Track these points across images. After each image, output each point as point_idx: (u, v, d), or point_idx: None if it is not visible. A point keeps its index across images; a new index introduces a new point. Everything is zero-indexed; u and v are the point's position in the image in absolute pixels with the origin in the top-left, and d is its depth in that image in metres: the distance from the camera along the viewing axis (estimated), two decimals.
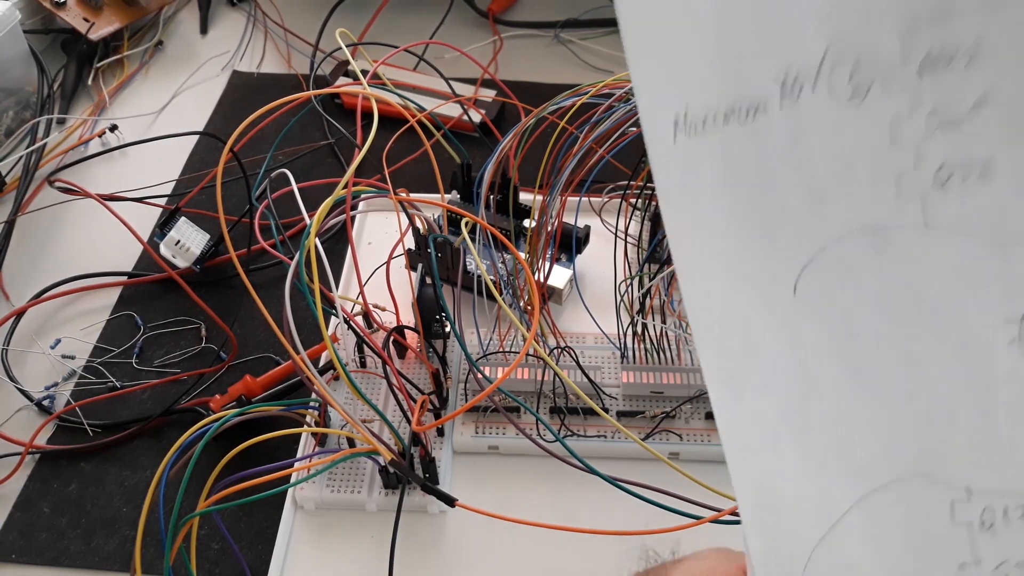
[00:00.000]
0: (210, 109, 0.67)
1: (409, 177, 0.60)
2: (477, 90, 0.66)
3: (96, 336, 0.51)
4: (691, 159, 0.23)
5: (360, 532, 0.41)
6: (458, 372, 0.46)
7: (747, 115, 0.23)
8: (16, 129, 0.63)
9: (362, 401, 0.37)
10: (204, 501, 0.36)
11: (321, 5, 0.73)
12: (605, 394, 0.44)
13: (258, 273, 0.55)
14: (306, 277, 0.35)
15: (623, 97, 0.40)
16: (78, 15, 0.69)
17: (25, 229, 0.57)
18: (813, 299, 0.23)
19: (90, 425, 0.46)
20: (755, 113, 0.23)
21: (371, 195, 0.48)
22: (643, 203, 0.44)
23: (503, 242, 0.40)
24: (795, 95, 0.22)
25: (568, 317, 0.50)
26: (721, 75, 0.23)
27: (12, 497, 0.43)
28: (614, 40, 0.74)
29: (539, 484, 0.43)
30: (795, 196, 0.23)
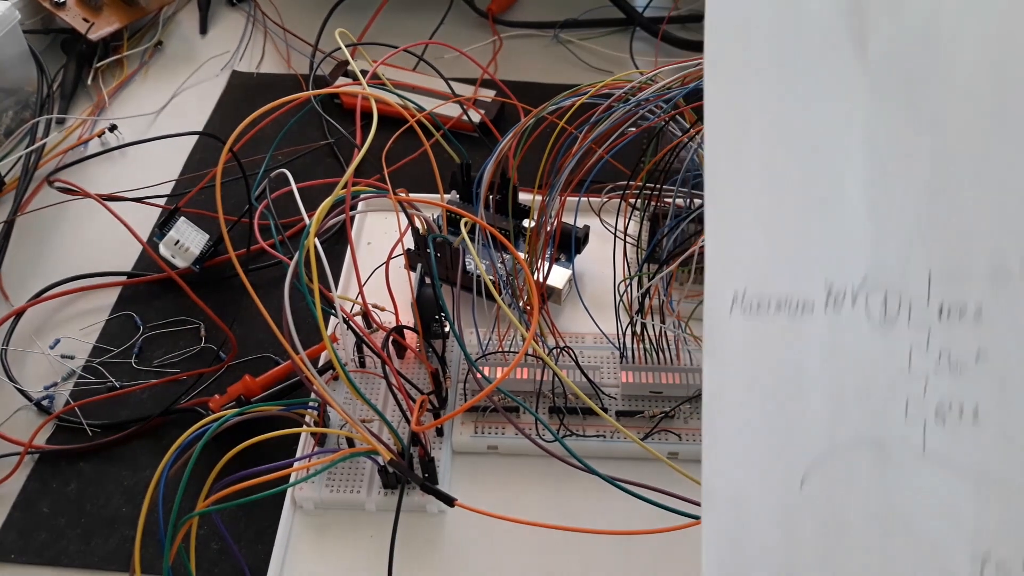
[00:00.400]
0: (210, 109, 0.67)
1: (408, 177, 0.59)
2: (476, 90, 0.66)
3: (95, 336, 0.51)
4: (740, 332, 0.26)
5: (359, 532, 0.41)
6: (457, 372, 0.46)
7: (796, 309, 0.26)
8: (15, 129, 0.63)
9: (361, 401, 0.37)
10: (203, 501, 0.36)
11: (321, 5, 0.73)
12: (604, 394, 0.44)
13: (257, 273, 0.55)
14: (305, 277, 0.35)
15: (622, 97, 0.40)
16: (78, 15, 0.69)
17: (24, 229, 0.57)
18: (816, 496, 0.26)
19: (89, 425, 0.46)
20: (803, 310, 0.26)
21: (370, 195, 0.48)
22: (642, 203, 0.44)
23: (502, 242, 0.40)
24: (838, 305, 0.26)
25: (567, 317, 0.50)
26: (781, 266, 0.26)
27: (11, 497, 0.43)
28: (613, 40, 0.74)
29: (538, 484, 0.43)
30: (819, 394, 0.26)
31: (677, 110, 0.40)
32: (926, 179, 0.26)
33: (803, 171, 0.27)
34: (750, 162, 0.27)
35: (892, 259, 0.26)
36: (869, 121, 0.27)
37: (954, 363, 0.26)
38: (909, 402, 0.26)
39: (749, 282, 0.26)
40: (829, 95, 0.27)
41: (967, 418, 0.26)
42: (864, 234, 0.26)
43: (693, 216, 0.42)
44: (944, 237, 0.26)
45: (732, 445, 0.26)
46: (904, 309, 0.26)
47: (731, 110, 0.27)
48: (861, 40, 0.27)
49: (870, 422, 0.26)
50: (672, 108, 0.39)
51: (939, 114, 0.27)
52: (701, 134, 0.40)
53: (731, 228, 0.27)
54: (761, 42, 0.27)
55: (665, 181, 0.42)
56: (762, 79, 0.27)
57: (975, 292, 0.26)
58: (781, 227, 0.26)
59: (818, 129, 0.27)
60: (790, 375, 0.26)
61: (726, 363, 0.26)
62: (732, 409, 0.26)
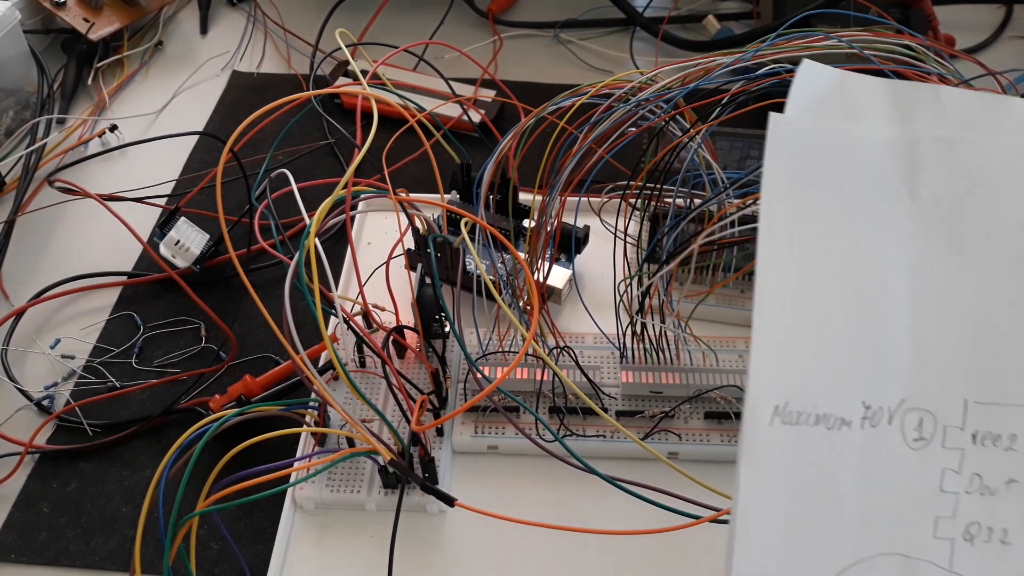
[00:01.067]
0: (210, 109, 0.67)
1: (409, 177, 0.60)
2: (477, 90, 0.66)
3: (96, 336, 0.51)
4: (779, 441, 0.28)
5: (359, 532, 0.41)
6: (457, 372, 0.46)
7: (835, 424, 0.28)
8: (16, 129, 0.63)
9: (361, 401, 0.37)
10: (203, 501, 0.36)
11: (321, 5, 0.73)
12: (604, 394, 0.44)
13: (258, 273, 0.55)
14: (306, 277, 0.35)
15: (622, 97, 0.40)
16: (78, 15, 0.69)
17: (25, 229, 0.57)
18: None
19: (90, 425, 0.46)
20: (840, 425, 0.28)
21: (371, 195, 0.48)
22: (642, 203, 0.44)
23: (502, 242, 0.40)
24: (875, 422, 0.28)
25: (567, 317, 0.50)
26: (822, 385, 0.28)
27: (12, 497, 0.43)
28: (613, 40, 0.74)
29: (538, 484, 0.43)
30: (851, 505, 0.27)
31: (677, 110, 0.40)
32: (967, 314, 0.28)
33: (849, 298, 0.28)
34: (800, 285, 0.29)
35: (930, 385, 0.28)
36: (916, 257, 0.29)
37: (985, 487, 0.28)
38: (939, 521, 0.28)
39: (791, 396, 0.28)
40: (879, 230, 0.29)
41: (995, 541, 0.28)
42: (904, 360, 0.28)
43: (693, 216, 0.42)
44: (981, 369, 0.28)
45: (763, 549, 0.27)
46: (939, 432, 0.28)
47: (784, 236, 0.29)
48: (913, 183, 0.29)
49: (899, 537, 0.27)
50: (672, 108, 0.39)
51: (982, 255, 0.29)
52: (701, 134, 0.40)
53: (777, 344, 0.28)
54: (820, 177, 0.29)
55: (665, 181, 0.42)
56: (817, 211, 0.29)
57: (1009, 421, 0.28)
58: (825, 347, 0.28)
59: (866, 261, 0.29)
60: (824, 485, 0.27)
61: (763, 470, 0.27)
62: (765, 514, 0.27)
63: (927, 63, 0.37)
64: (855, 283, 0.29)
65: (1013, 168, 0.29)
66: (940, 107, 0.30)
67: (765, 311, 0.28)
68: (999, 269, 0.29)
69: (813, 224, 0.29)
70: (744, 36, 0.68)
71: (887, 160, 0.29)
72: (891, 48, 0.37)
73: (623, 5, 0.73)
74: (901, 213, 0.29)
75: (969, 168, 0.29)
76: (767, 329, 0.28)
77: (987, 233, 0.29)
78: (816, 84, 0.30)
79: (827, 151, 0.29)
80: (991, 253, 0.29)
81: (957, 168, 0.29)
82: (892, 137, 0.30)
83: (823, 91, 0.30)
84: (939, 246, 0.29)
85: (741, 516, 0.27)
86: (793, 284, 0.28)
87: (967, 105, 0.30)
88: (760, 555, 0.27)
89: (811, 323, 0.28)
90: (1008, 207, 0.29)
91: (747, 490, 0.27)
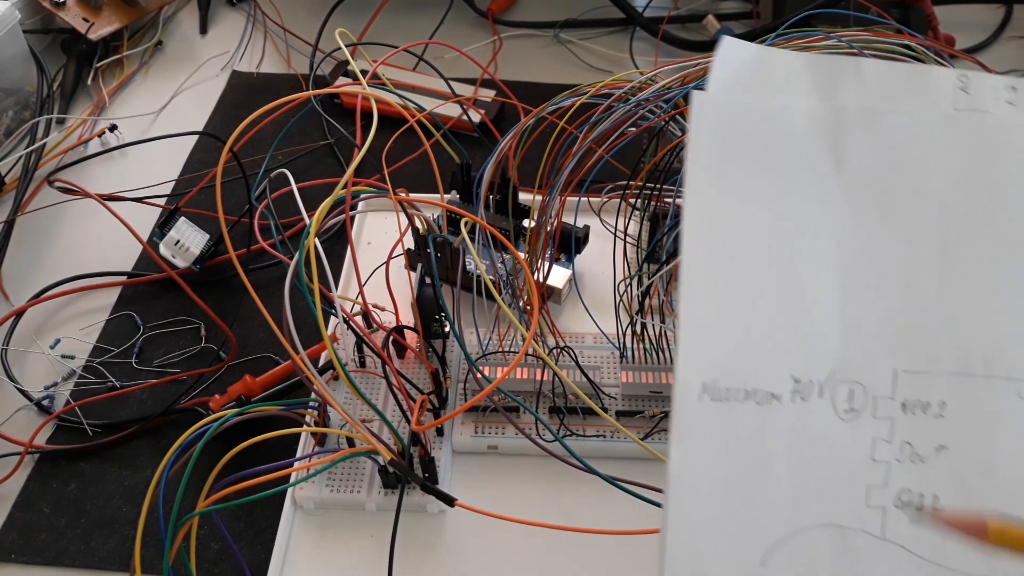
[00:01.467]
0: (210, 109, 0.67)
1: (408, 177, 0.60)
2: (476, 90, 0.66)
3: (96, 336, 0.51)
4: (710, 418, 0.28)
5: (359, 531, 0.41)
6: (457, 372, 0.46)
7: (764, 399, 0.28)
8: (16, 129, 0.63)
9: (361, 401, 0.37)
10: (203, 501, 0.36)
11: (321, 5, 0.73)
12: (604, 394, 0.44)
13: (258, 273, 0.55)
14: (305, 277, 0.35)
15: (622, 97, 0.40)
16: (78, 15, 0.69)
17: (25, 229, 0.57)
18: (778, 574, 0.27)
19: (90, 425, 0.46)
20: (770, 400, 0.28)
21: (370, 195, 0.48)
22: (642, 203, 0.44)
23: (502, 242, 0.40)
24: (805, 395, 0.28)
25: (567, 317, 0.50)
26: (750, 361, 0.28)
27: (11, 497, 0.43)
28: (613, 40, 0.74)
29: (538, 484, 0.43)
30: (783, 478, 0.28)
31: (677, 110, 0.40)
32: (894, 284, 0.29)
33: (776, 273, 0.28)
34: (725, 261, 0.29)
35: (859, 356, 0.28)
36: (843, 228, 0.29)
37: (916, 455, 0.28)
38: (871, 490, 0.28)
39: (719, 373, 0.28)
40: (805, 203, 0.29)
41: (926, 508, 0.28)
42: (832, 333, 0.28)
43: None
44: (909, 338, 0.28)
45: (696, 523, 0.27)
46: (869, 402, 0.28)
47: (709, 212, 0.29)
48: (838, 154, 0.29)
49: (832, 507, 0.28)
50: (672, 108, 0.39)
51: (908, 224, 0.29)
52: None
53: (704, 321, 0.28)
54: (743, 151, 0.29)
55: (665, 181, 0.42)
56: (742, 188, 0.29)
57: (939, 389, 0.28)
58: (752, 323, 0.28)
59: (793, 234, 0.29)
60: (756, 459, 0.28)
61: (694, 446, 0.27)
62: (698, 491, 0.27)
63: (927, 63, 0.37)
64: (781, 257, 0.28)
65: (936, 136, 0.29)
66: (862, 79, 0.30)
67: (691, 288, 0.28)
68: (925, 238, 0.29)
69: (738, 198, 0.29)
70: (744, 36, 0.68)
71: (811, 132, 0.29)
72: (891, 48, 0.37)
73: (623, 5, 0.73)
74: (827, 184, 0.29)
75: (893, 137, 0.29)
76: (693, 306, 0.28)
77: (913, 202, 0.29)
78: (738, 60, 0.30)
79: (750, 125, 0.29)
80: (917, 222, 0.29)
81: (881, 138, 0.29)
82: (815, 109, 0.30)
83: (745, 66, 0.30)
84: (866, 216, 0.29)
85: (673, 493, 0.27)
86: (718, 260, 0.28)
87: (889, 76, 0.30)
88: (694, 531, 0.27)
89: (737, 299, 0.28)
90: (932, 175, 0.29)
91: (678, 467, 0.27)
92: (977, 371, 0.28)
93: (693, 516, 0.27)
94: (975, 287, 0.29)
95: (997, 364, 0.28)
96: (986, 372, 0.28)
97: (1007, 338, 0.29)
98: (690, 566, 0.27)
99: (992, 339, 0.29)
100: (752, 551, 0.27)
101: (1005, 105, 0.30)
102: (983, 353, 0.28)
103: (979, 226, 0.29)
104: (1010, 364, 0.28)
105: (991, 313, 0.29)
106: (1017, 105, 0.30)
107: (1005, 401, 0.28)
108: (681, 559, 0.27)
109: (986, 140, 0.30)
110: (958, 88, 0.30)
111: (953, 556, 0.27)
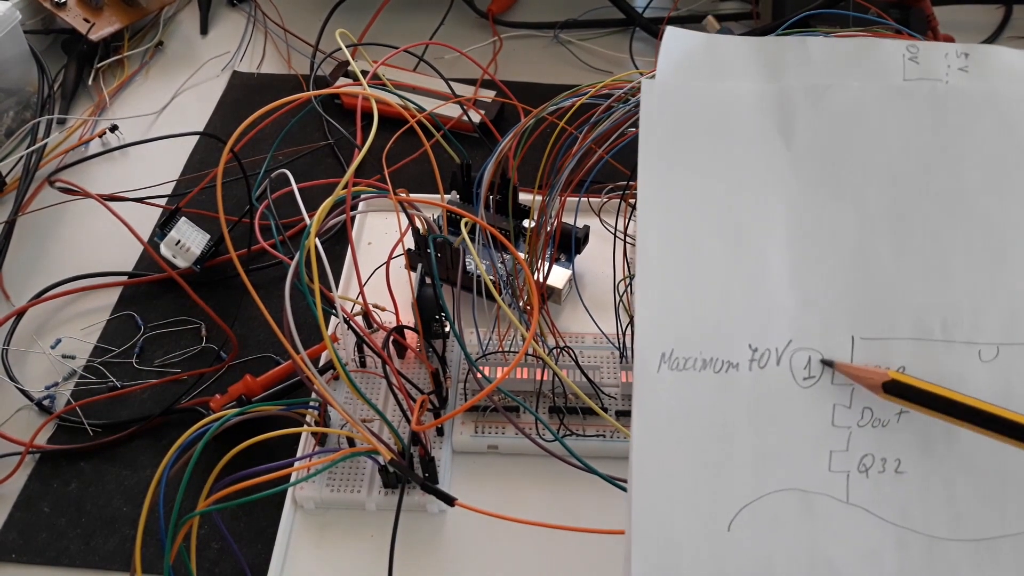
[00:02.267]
0: (210, 109, 0.67)
1: (409, 177, 0.60)
2: (477, 91, 0.66)
3: (96, 336, 0.51)
4: (669, 388, 0.28)
5: (360, 531, 0.41)
6: (457, 372, 0.47)
7: (722, 367, 0.28)
8: (16, 129, 0.63)
9: (362, 401, 0.37)
10: (204, 501, 0.36)
11: (321, 5, 0.73)
12: (604, 394, 0.45)
13: (258, 273, 0.55)
14: (306, 277, 0.35)
15: (622, 98, 0.40)
16: (78, 15, 0.69)
17: (25, 229, 0.57)
18: (744, 539, 0.27)
19: (90, 425, 0.46)
20: (728, 368, 0.28)
21: (371, 195, 0.48)
22: None
23: (502, 242, 0.40)
24: (763, 363, 0.28)
25: (567, 317, 0.50)
26: (706, 331, 0.28)
27: (12, 497, 0.43)
28: (613, 41, 0.74)
29: (538, 484, 0.43)
30: (745, 444, 0.28)
31: None
32: (849, 252, 0.29)
33: (729, 245, 0.29)
34: (679, 237, 0.29)
35: (816, 324, 0.29)
36: (793, 200, 0.29)
37: (877, 419, 0.28)
38: (833, 455, 0.28)
39: (676, 343, 0.28)
40: (757, 180, 0.29)
41: (889, 471, 0.28)
42: (788, 302, 0.29)
43: None
44: (866, 305, 0.29)
45: (661, 490, 0.27)
46: (828, 370, 0.28)
47: (663, 188, 0.29)
48: (787, 132, 0.30)
49: (795, 472, 0.28)
50: None
51: (860, 194, 0.29)
52: None
53: (659, 293, 0.29)
54: (693, 132, 0.30)
55: None
56: (693, 169, 0.30)
57: (898, 353, 0.29)
58: (707, 294, 0.29)
59: (745, 209, 0.29)
60: (716, 425, 0.28)
61: (655, 414, 0.28)
62: (661, 460, 0.28)
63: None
64: (735, 230, 0.29)
65: (883, 108, 0.30)
66: (807, 56, 0.31)
67: (646, 262, 0.29)
68: (877, 207, 0.29)
69: (690, 179, 0.29)
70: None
71: (759, 113, 0.30)
72: None
73: (623, 5, 0.73)
74: (778, 161, 0.29)
75: (840, 112, 0.30)
76: (649, 279, 0.28)
77: (863, 173, 0.29)
78: (683, 47, 0.31)
79: (699, 108, 0.30)
80: (868, 192, 0.29)
81: (828, 113, 0.30)
82: (762, 90, 0.30)
83: (691, 53, 0.31)
84: (816, 189, 0.29)
85: (637, 463, 0.27)
86: (672, 236, 0.29)
87: (835, 51, 0.31)
88: (659, 500, 0.27)
89: (692, 271, 0.29)
90: (881, 146, 0.30)
91: (640, 437, 0.27)
92: (936, 336, 0.29)
93: (658, 484, 0.27)
94: (931, 253, 0.29)
95: (955, 329, 0.29)
96: (945, 337, 0.29)
97: (965, 302, 0.29)
98: (657, 533, 0.27)
99: (949, 304, 0.29)
100: (718, 516, 0.27)
101: (957, 72, 0.30)
102: (941, 318, 0.29)
103: (933, 193, 0.29)
104: (968, 328, 0.29)
105: (948, 278, 0.29)
106: (970, 71, 0.30)
107: (966, 364, 0.28)
108: (648, 527, 0.27)
109: (937, 108, 0.30)
110: (907, 59, 0.30)
111: (917, 518, 0.28)
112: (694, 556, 0.27)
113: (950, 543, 0.27)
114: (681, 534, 0.27)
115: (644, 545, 0.27)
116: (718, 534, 0.27)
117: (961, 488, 0.28)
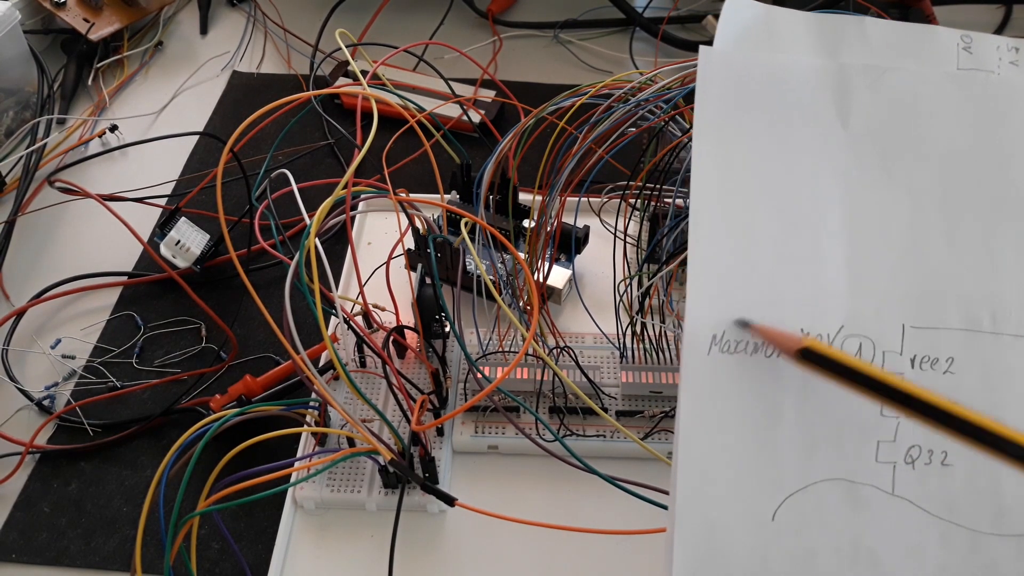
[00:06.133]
0: (210, 109, 0.67)
1: (409, 177, 0.60)
2: (476, 90, 0.66)
3: (96, 336, 0.51)
4: (719, 370, 0.28)
5: (360, 531, 0.41)
6: (458, 372, 0.47)
7: (773, 352, 0.28)
8: (16, 129, 0.63)
9: (362, 401, 0.37)
10: (204, 501, 0.36)
11: (321, 5, 0.73)
12: (604, 394, 0.45)
13: (258, 273, 0.55)
14: (306, 277, 0.35)
15: (622, 98, 0.40)
16: (78, 15, 0.69)
17: (25, 229, 0.57)
18: (788, 529, 0.27)
19: (90, 425, 0.46)
20: (779, 353, 0.28)
21: (371, 195, 0.48)
22: (642, 203, 0.44)
23: (502, 242, 0.40)
24: None
25: (567, 317, 0.50)
26: (760, 316, 0.28)
27: (12, 497, 0.43)
28: (613, 40, 0.74)
29: (538, 484, 0.43)
30: (793, 432, 0.27)
31: (677, 110, 0.40)
32: (902, 240, 0.29)
33: (785, 227, 0.28)
34: (734, 216, 0.29)
35: (868, 311, 0.28)
36: (850, 184, 0.29)
37: None
38: (880, 445, 0.28)
39: (729, 325, 0.28)
40: (812, 159, 0.29)
41: (936, 463, 0.28)
42: (841, 288, 0.28)
43: None
44: (917, 294, 0.28)
45: (706, 475, 0.27)
46: (878, 357, 0.28)
47: (717, 169, 0.29)
48: (844, 111, 0.29)
49: (842, 462, 0.28)
50: (672, 108, 0.39)
51: (914, 181, 0.29)
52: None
53: (714, 274, 0.28)
54: (750, 105, 0.29)
55: (665, 181, 0.42)
56: (749, 142, 0.29)
57: (947, 345, 0.28)
58: (762, 276, 0.28)
59: (801, 190, 0.29)
60: (766, 412, 0.27)
61: (704, 398, 0.27)
62: (708, 441, 0.27)
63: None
64: (790, 213, 0.29)
65: (940, 95, 0.30)
66: (866, 37, 0.30)
67: (700, 241, 0.28)
68: (931, 195, 0.29)
69: (745, 153, 0.29)
70: None
71: (817, 88, 0.30)
72: None
73: (623, 5, 0.73)
74: (834, 140, 0.29)
75: (898, 95, 0.30)
76: (703, 258, 0.28)
77: (918, 160, 0.29)
78: (743, 17, 0.31)
79: (757, 80, 0.29)
80: (922, 179, 0.29)
81: (886, 96, 0.30)
82: (821, 66, 0.30)
83: (750, 24, 0.31)
84: (872, 173, 0.29)
85: (683, 447, 0.27)
86: (727, 216, 0.28)
87: (893, 34, 0.31)
88: (704, 485, 0.27)
89: (746, 252, 0.28)
90: (937, 134, 0.29)
91: (688, 419, 0.27)
92: (985, 327, 0.28)
93: (703, 469, 0.27)
94: (980, 244, 0.29)
95: (1004, 321, 0.28)
96: (994, 329, 0.28)
97: (1014, 295, 0.29)
98: (701, 520, 0.27)
99: (999, 296, 0.29)
100: (763, 505, 0.27)
101: (1008, 65, 0.30)
102: (990, 309, 0.28)
103: (983, 184, 0.29)
104: (1016, 321, 0.28)
105: (997, 270, 0.29)
106: (1020, 65, 0.30)
107: (1014, 357, 0.28)
108: (692, 513, 0.27)
109: (989, 99, 0.30)
110: (961, 48, 0.30)
111: (963, 513, 0.27)
112: (737, 544, 0.27)
113: (992, 538, 0.27)
114: (725, 522, 0.27)
115: (687, 531, 0.26)
116: (763, 523, 0.27)
117: (1007, 482, 0.27)
